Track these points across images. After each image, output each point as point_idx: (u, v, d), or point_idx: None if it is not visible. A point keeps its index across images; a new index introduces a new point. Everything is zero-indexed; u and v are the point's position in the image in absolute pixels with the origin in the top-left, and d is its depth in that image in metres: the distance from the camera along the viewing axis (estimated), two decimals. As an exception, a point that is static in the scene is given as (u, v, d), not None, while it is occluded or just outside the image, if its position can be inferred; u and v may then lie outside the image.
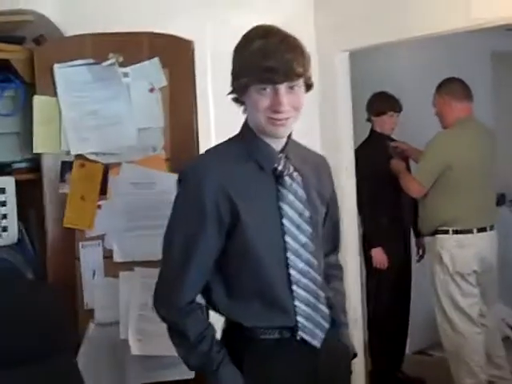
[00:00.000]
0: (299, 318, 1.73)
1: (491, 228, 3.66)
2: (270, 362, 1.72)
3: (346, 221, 3.57)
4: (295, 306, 1.72)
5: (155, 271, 2.46)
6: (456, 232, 3.59)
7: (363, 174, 3.60)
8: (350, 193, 3.53)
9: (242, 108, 1.77)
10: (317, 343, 1.76)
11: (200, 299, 1.78)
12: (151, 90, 2.51)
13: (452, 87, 3.70)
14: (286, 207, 1.72)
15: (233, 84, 1.73)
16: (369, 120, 4.11)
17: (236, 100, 1.75)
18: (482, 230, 3.60)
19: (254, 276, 1.71)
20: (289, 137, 1.77)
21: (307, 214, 1.76)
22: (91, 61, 2.44)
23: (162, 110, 2.53)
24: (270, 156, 1.73)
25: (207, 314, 1.80)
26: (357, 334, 3.65)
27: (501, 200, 4.55)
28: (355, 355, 1.97)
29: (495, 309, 3.93)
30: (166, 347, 2.42)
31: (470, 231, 3.58)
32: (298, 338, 1.73)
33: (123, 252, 2.51)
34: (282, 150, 1.75)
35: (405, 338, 4.20)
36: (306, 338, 1.74)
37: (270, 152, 1.74)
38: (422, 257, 4.15)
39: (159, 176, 2.53)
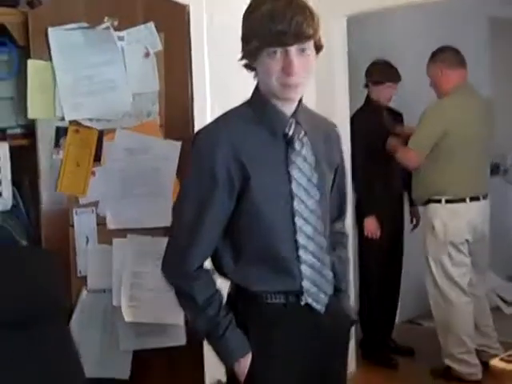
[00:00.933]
0: (305, 283, 1.74)
1: (484, 197, 3.67)
2: (275, 326, 1.74)
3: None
4: (301, 270, 1.74)
5: (148, 239, 2.49)
6: (448, 201, 3.59)
7: (357, 141, 3.59)
8: (345, 159, 3.53)
9: (252, 74, 1.76)
10: (321, 308, 1.78)
11: (207, 264, 1.80)
12: (146, 55, 2.48)
13: (445, 56, 3.67)
14: (295, 172, 1.73)
15: (243, 49, 1.72)
16: (366, 86, 4.07)
17: (247, 66, 1.75)
18: (474, 198, 3.60)
19: (262, 240, 1.72)
20: (300, 101, 1.77)
21: (315, 179, 1.76)
22: (86, 24, 2.40)
23: (156, 75, 2.50)
24: (280, 120, 1.73)
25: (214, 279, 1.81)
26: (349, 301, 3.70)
27: (494, 170, 4.55)
28: (354, 322, 1.99)
29: (486, 278, 3.96)
30: (158, 314, 2.48)
31: (462, 200, 3.58)
32: (303, 302, 1.75)
33: (117, 219, 2.49)
34: (293, 115, 1.75)
35: (395, 307, 4.23)
36: (311, 302, 1.76)
37: (281, 116, 1.74)
38: (415, 226, 4.17)
39: (154, 142, 2.51)
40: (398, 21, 4.43)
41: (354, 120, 3.65)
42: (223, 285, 1.81)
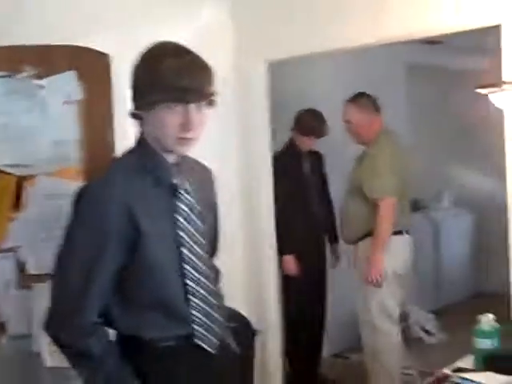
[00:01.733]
0: (195, 326, 1.79)
1: (407, 232, 3.80)
2: (171, 370, 1.77)
3: (263, 227, 3.67)
4: (192, 314, 1.78)
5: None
6: None
7: (277, 182, 3.69)
8: (268, 202, 3.65)
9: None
10: (212, 349, 1.82)
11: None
12: (67, 103, 2.52)
13: (365, 102, 3.78)
14: (182, 220, 1.77)
15: (137, 99, 1.75)
16: (293, 130, 4.15)
17: (134, 115, 1.77)
18: (398, 233, 3.71)
19: (154, 288, 1.75)
20: None
21: (200, 225, 1.82)
22: (5, 73, 2.42)
23: (77, 123, 2.54)
24: (166, 170, 1.78)
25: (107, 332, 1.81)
26: (274, 336, 3.74)
27: (414, 206, 4.73)
28: (254, 333, 2.06)
29: (410, 311, 4.09)
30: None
31: (394, 234, 3.67)
32: (194, 344, 1.79)
33: (37, 264, 2.50)
34: (176, 164, 1.80)
35: (320, 341, 4.30)
36: (202, 344, 1.80)
37: (167, 166, 1.78)
38: (336, 261, 4.28)
39: (75, 188, 2.52)
40: (319, 67, 4.56)
41: (275, 161, 3.75)
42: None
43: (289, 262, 3.97)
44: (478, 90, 2.60)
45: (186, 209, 1.79)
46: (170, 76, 1.65)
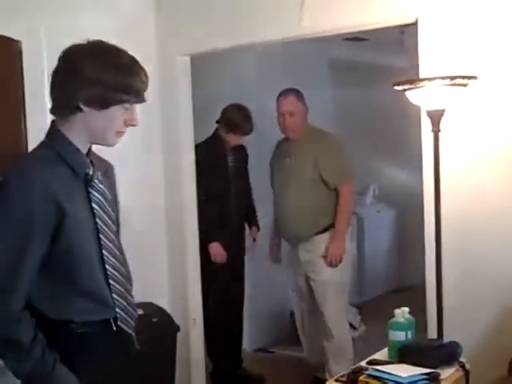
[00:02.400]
0: (118, 310, 1.85)
1: None
2: (96, 354, 1.81)
3: (186, 218, 3.65)
4: (114, 298, 1.84)
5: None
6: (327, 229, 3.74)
7: (199, 171, 3.67)
8: (191, 192, 3.64)
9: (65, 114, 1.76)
10: (131, 332, 1.90)
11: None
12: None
13: (299, 96, 3.78)
14: (97, 208, 1.81)
15: (90, 95, 1.72)
16: (218, 122, 4.09)
17: (72, 107, 1.74)
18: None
19: (78, 274, 1.77)
20: None
21: (112, 214, 1.87)
22: None
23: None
24: (82, 161, 1.81)
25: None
26: (196, 334, 3.72)
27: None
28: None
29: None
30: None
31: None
32: (116, 328, 1.84)
33: None
34: (87, 155, 1.84)
35: (240, 335, 4.29)
36: (124, 327, 1.86)
37: (83, 158, 1.81)
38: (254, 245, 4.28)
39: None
40: (245, 62, 4.56)
41: (198, 150, 3.72)
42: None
43: (216, 248, 3.94)
44: (396, 87, 2.64)
45: (100, 197, 1.82)
46: (124, 77, 1.72)
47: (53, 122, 1.81)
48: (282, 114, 3.76)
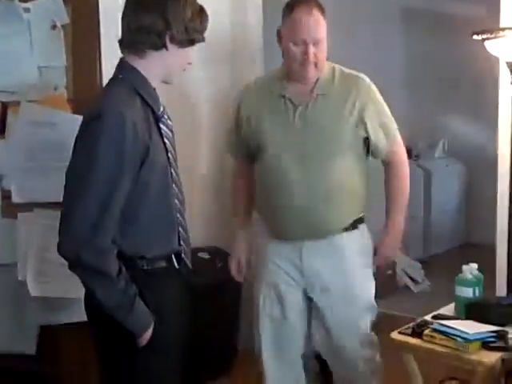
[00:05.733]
0: (182, 243, 1.92)
1: None
2: (164, 289, 1.87)
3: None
4: (179, 231, 1.91)
5: (55, 213, 2.44)
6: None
7: None
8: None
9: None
10: (190, 265, 1.97)
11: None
12: (53, 27, 2.44)
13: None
14: (168, 143, 1.87)
15: (177, 33, 1.80)
16: None
17: (156, 45, 1.79)
18: None
19: (153, 207, 1.82)
20: None
21: (174, 150, 1.93)
22: (-11, -5, 2.35)
23: (64, 49, 2.47)
24: (157, 98, 1.87)
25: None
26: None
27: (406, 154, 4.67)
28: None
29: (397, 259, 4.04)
30: (65, 289, 2.46)
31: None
32: (179, 264, 1.91)
33: (22, 193, 2.46)
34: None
35: None
36: (186, 260, 1.94)
37: (156, 94, 1.87)
38: None
39: (61, 116, 2.47)
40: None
41: None
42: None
43: None
44: (474, 37, 2.53)
45: (169, 133, 1.88)
46: (206, 20, 1.87)
47: (122, 59, 1.84)
48: (303, 42, 2.27)
